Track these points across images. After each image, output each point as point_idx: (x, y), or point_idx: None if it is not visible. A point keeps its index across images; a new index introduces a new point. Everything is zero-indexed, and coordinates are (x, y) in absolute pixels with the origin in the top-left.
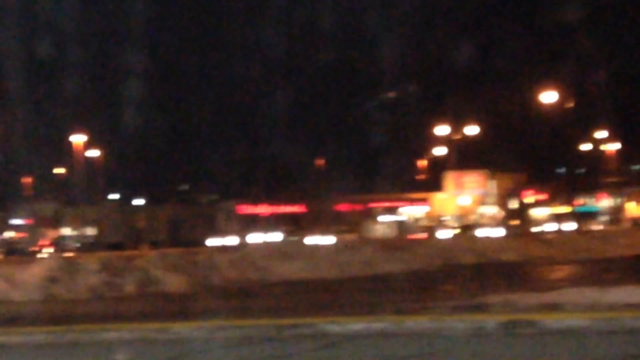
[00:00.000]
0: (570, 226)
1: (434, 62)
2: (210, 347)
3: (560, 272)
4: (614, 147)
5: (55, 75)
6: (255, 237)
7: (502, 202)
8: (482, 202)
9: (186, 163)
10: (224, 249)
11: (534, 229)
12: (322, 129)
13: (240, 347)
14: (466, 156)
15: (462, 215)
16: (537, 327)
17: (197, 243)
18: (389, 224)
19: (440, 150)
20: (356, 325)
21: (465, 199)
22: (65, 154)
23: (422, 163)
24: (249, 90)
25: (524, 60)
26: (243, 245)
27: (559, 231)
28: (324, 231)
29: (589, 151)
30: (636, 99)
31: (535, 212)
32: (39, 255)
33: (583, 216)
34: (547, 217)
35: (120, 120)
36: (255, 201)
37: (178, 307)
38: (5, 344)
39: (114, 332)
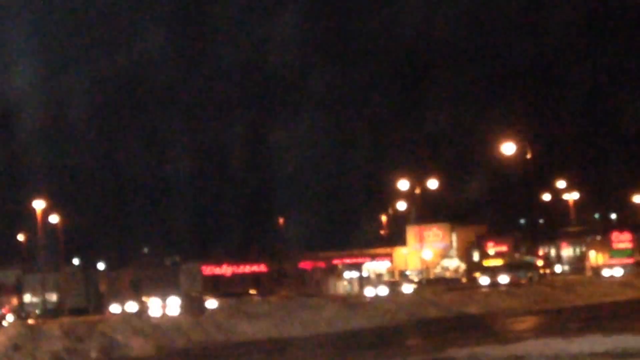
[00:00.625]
0: (504, 279)
1: (394, 115)
2: None
3: (525, 323)
4: (573, 196)
5: (11, 142)
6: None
7: (464, 255)
8: (444, 255)
9: (147, 226)
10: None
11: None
12: (282, 187)
13: None
14: (427, 210)
15: (424, 269)
16: None
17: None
18: (352, 280)
19: (401, 205)
20: None
21: (428, 253)
22: (25, 220)
23: (384, 218)
24: (204, 147)
25: (482, 112)
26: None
27: (494, 284)
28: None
29: (549, 201)
30: (594, 149)
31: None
32: (2, 323)
33: (518, 268)
34: (479, 270)
35: (79, 185)
36: (218, 262)
37: None
38: None
39: None
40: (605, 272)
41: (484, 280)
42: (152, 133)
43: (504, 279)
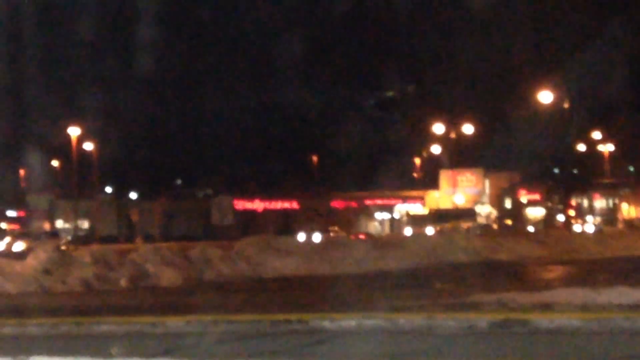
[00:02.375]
0: (430, 230)
1: (432, 60)
2: (203, 342)
3: (553, 272)
4: (608, 148)
5: (49, 67)
6: None
7: (496, 202)
8: (477, 201)
9: (181, 157)
10: None
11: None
12: (318, 124)
13: (233, 341)
14: (461, 155)
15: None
16: (529, 327)
17: (192, 237)
18: (383, 221)
19: (435, 149)
20: (349, 322)
21: (460, 198)
22: (60, 146)
23: (418, 161)
24: (243, 82)
25: (521, 59)
26: None
27: (419, 235)
28: (316, 228)
29: (584, 152)
30: (631, 100)
31: (530, 212)
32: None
33: (446, 219)
34: (405, 219)
35: (114, 114)
36: (251, 196)
37: (171, 301)
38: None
39: (106, 325)
40: (577, 228)
41: (407, 231)
42: (188, 62)
43: (430, 230)
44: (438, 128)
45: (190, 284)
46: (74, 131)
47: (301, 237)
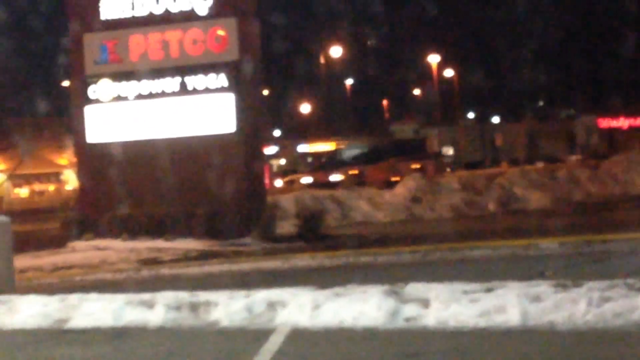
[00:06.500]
0: (306, 179)
1: None
2: (576, 262)
3: None
4: None
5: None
6: None
7: None
8: None
9: (542, 78)
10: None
11: None
12: None
13: (606, 262)
14: None
15: None
16: None
17: (557, 159)
18: None
19: None
20: None
21: None
22: (421, 74)
23: None
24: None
25: None
26: None
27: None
28: None
29: None
30: None
31: None
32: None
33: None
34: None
35: (474, 39)
36: (615, 114)
37: (541, 224)
38: (372, 264)
39: (480, 250)
40: None
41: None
42: None
43: (307, 179)
44: None
45: (559, 205)
46: (433, 59)
47: None
